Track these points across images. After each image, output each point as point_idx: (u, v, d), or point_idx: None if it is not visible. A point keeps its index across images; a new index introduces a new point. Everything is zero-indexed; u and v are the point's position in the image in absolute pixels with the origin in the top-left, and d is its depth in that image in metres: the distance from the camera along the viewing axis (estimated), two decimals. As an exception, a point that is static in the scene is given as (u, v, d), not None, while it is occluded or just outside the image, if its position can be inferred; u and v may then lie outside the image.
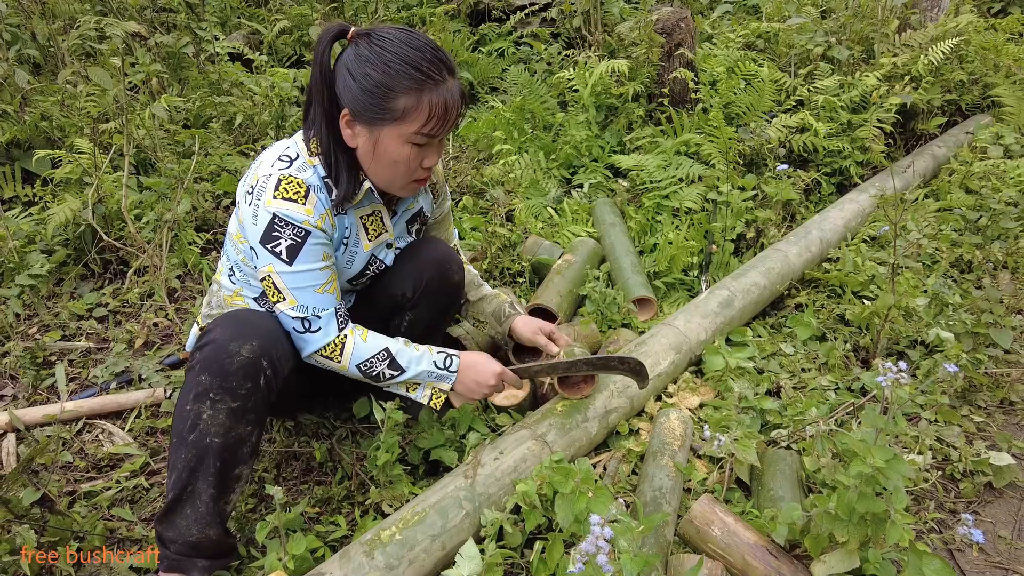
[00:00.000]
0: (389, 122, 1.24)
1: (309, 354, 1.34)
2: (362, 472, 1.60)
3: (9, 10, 3.10)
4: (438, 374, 1.41)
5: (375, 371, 1.37)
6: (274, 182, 1.25)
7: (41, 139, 2.73)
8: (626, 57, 2.98)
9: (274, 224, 1.24)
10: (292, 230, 1.25)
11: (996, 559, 1.41)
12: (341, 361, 1.34)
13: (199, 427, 1.20)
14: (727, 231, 2.43)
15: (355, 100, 1.23)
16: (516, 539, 1.34)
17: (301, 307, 1.29)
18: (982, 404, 1.80)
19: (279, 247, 1.25)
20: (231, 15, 4.15)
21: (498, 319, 1.69)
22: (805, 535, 1.27)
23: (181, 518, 1.23)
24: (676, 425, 1.61)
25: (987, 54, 3.39)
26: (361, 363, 1.35)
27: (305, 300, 1.29)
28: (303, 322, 1.30)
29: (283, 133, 3.01)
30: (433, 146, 1.31)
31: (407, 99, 1.21)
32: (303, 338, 1.32)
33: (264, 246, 1.26)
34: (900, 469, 1.13)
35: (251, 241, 1.28)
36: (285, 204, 1.24)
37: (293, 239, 1.25)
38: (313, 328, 1.31)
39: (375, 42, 1.22)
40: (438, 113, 1.23)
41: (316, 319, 1.31)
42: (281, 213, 1.24)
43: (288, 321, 1.31)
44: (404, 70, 1.20)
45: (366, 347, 1.35)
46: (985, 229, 2.42)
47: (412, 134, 1.25)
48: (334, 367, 1.36)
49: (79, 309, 2.19)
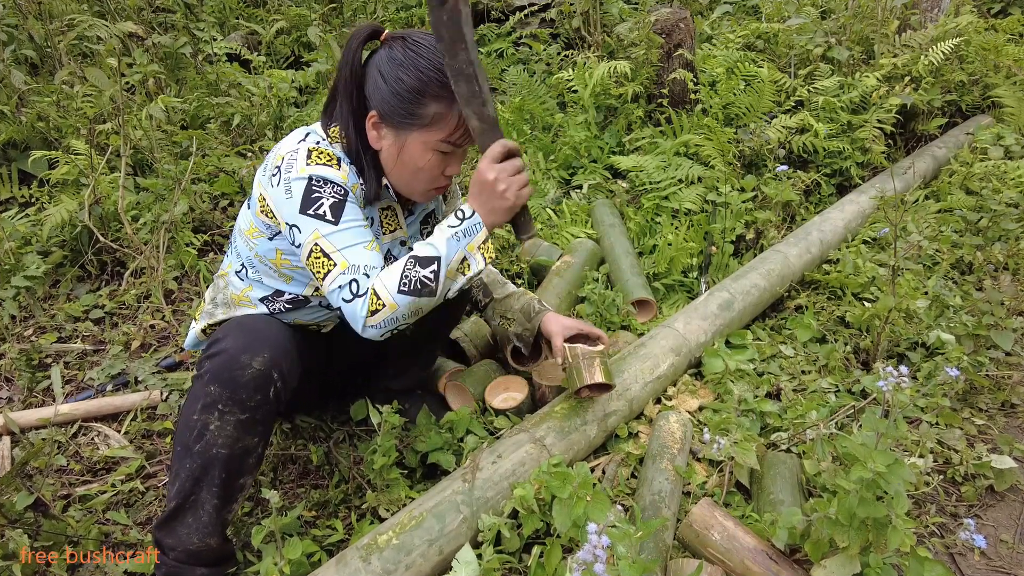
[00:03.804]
0: (417, 128, 1.23)
1: (363, 324, 1.18)
2: (359, 476, 1.59)
3: (6, 10, 3.09)
4: (463, 229, 1.23)
5: (416, 281, 1.19)
6: (304, 152, 1.22)
7: (38, 140, 2.72)
8: (625, 58, 2.97)
9: (312, 186, 1.20)
10: (332, 188, 1.21)
11: (998, 563, 1.40)
12: (385, 303, 1.18)
13: (206, 437, 1.18)
14: (727, 232, 2.42)
15: (384, 102, 1.23)
16: (514, 544, 1.33)
17: (353, 267, 1.19)
18: (983, 407, 1.79)
19: (322, 207, 1.20)
20: (229, 15, 4.14)
21: (527, 315, 1.64)
22: (805, 540, 1.26)
23: (182, 526, 1.22)
24: (675, 428, 1.60)
25: (987, 55, 3.39)
26: (399, 286, 1.18)
27: (356, 259, 1.20)
28: (351, 286, 1.18)
29: (281, 134, 3.00)
30: (457, 155, 1.30)
31: (437, 106, 1.21)
32: (352, 307, 1.18)
33: (306, 213, 1.19)
34: (901, 474, 1.12)
35: (289, 219, 1.22)
36: (320, 168, 1.21)
37: (335, 196, 1.21)
38: (362, 291, 1.18)
39: (410, 47, 1.21)
40: (466, 122, 1.23)
41: (365, 279, 1.19)
42: (317, 174, 1.20)
43: (335, 295, 1.19)
44: (437, 77, 1.19)
45: (392, 272, 1.20)
46: (986, 230, 2.41)
47: (438, 141, 1.24)
48: (389, 316, 1.18)
49: (75, 311, 2.18)
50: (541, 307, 1.65)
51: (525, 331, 1.63)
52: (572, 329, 1.57)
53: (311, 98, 3.58)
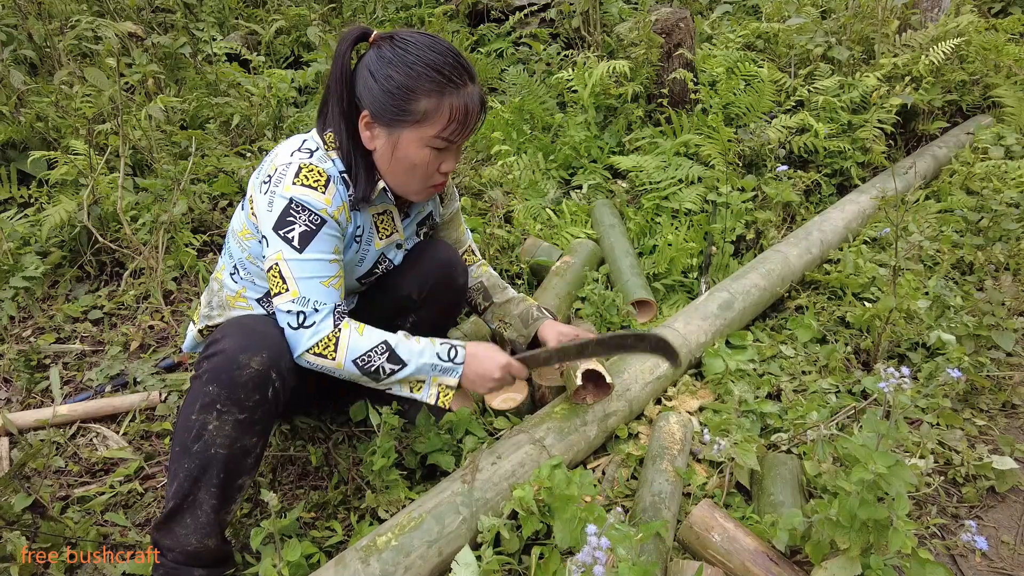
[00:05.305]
0: (409, 124, 1.23)
1: (301, 353, 1.23)
2: (358, 477, 1.59)
3: (5, 10, 3.09)
4: (443, 367, 1.31)
5: (373, 366, 1.26)
6: (294, 169, 1.23)
7: (37, 140, 2.71)
8: (625, 58, 2.97)
9: (290, 209, 1.21)
10: (308, 216, 1.22)
11: (999, 564, 1.40)
12: (336, 358, 1.24)
13: (204, 437, 1.18)
14: (727, 232, 2.42)
15: (375, 102, 1.23)
16: (513, 545, 1.33)
17: (302, 299, 1.22)
18: (984, 407, 1.79)
19: (292, 233, 1.22)
20: (228, 15, 4.14)
21: (525, 322, 1.64)
22: (806, 541, 1.26)
23: (180, 527, 1.21)
24: (675, 429, 1.60)
25: (988, 54, 3.38)
26: (358, 358, 1.25)
27: (308, 292, 1.22)
28: (298, 316, 1.22)
29: (280, 134, 3.00)
30: (451, 151, 1.30)
31: (428, 102, 1.21)
32: (296, 335, 1.23)
33: (277, 232, 1.22)
34: (902, 475, 1.12)
35: (263, 229, 1.24)
36: (304, 191, 1.22)
37: (308, 225, 1.22)
38: (307, 323, 1.22)
39: (398, 45, 1.22)
40: (458, 117, 1.24)
41: (313, 313, 1.23)
42: (299, 198, 1.21)
43: (283, 317, 1.23)
44: (426, 73, 1.20)
45: (363, 340, 1.25)
46: (986, 230, 2.40)
47: (431, 137, 1.24)
48: (329, 366, 1.25)
49: (74, 311, 2.17)
50: (540, 314, 1.65)
51: (521, 337, 1.63)
52: (567, 335, 1.57)
53: (310, 98, 3.58)
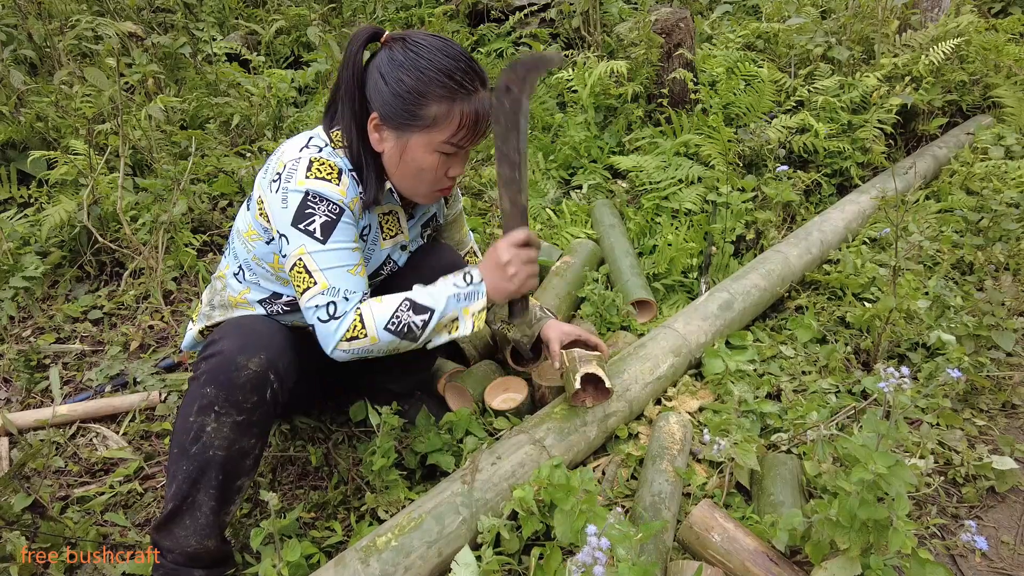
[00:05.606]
0: (419, 129, 1.23)
1: (334, 346, 1.21)
2: (358, 477, 1.59)
3: (5, 10, 3.09)
4: (466, 292, 1.28)
5: (404, 325, 1.23)
6: (305, 163, 1.22)
7: (37, 140, 2.72)
8: (625, 58, 2.97)
9: (307, 202, 1.20)
10: (327, 206, 1.21)
11: (999, 565, 1.40)
12: (368, 333, 1.21)
13: (202, 439, 1.18)
14: (727, 232, 2.42)
15: (385, 104, 1.22)
16: (513, 545, 1.32)
17: (332, 289, 1.20)
18: (984, 407, 1.79)
19: (313, 224, 1.20)
20: (228, 15, 4.14)
21: (528, 322, 1.64)
22: (806, 541, 1.26)
23: (180, 528, 1.21)
24: (675, 429, 1.60)
25: (988, 54, 3.38)
26: (387, 323, 1.22)
27: (337, 281, 1.21)
28: (329, 307, 1.20)
29: (280, 134, 3.00)
30: (460, 156, 1.30)
31: (439, 107, 1.21)
32: (326, 328, 1.20)
33: (296, 227, 1.20)
34: (902, 475, 1.12)
35: (280, 228, 1.23)
36: (319, 183, 1.21)
37: (328, 215, 1.21)
38: (338, 313, 1.20)
39: (410, 47, 1.21)
40: (468, 123, 1.23)
41: (344, 302, 1.21)
42: (315, 190, 1.20)
43: (312, 313, 1.20)
44: (438, 78, 1.19)
45: (385, 307, 1.23)
46: (986, 230, 2.40)
47: (441, 143, 1.24)
48: (365, 346, 1.21)
49: (74, 311, 2.17)
50: (543, 314, 1.64)
51: (525, 338, 1.63)
52: (570, 335, 1.58)
53: (310, 98, 3.58)
